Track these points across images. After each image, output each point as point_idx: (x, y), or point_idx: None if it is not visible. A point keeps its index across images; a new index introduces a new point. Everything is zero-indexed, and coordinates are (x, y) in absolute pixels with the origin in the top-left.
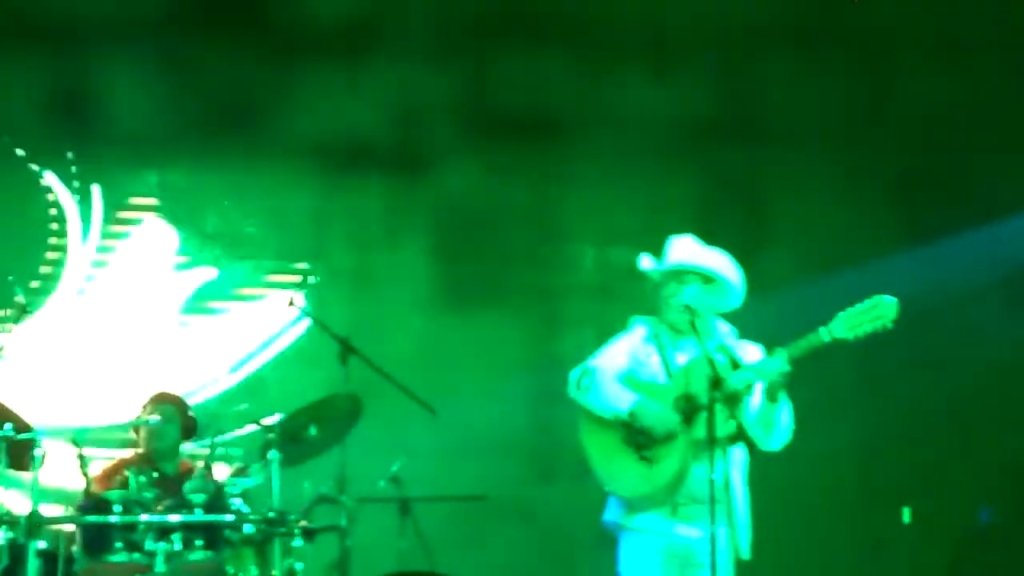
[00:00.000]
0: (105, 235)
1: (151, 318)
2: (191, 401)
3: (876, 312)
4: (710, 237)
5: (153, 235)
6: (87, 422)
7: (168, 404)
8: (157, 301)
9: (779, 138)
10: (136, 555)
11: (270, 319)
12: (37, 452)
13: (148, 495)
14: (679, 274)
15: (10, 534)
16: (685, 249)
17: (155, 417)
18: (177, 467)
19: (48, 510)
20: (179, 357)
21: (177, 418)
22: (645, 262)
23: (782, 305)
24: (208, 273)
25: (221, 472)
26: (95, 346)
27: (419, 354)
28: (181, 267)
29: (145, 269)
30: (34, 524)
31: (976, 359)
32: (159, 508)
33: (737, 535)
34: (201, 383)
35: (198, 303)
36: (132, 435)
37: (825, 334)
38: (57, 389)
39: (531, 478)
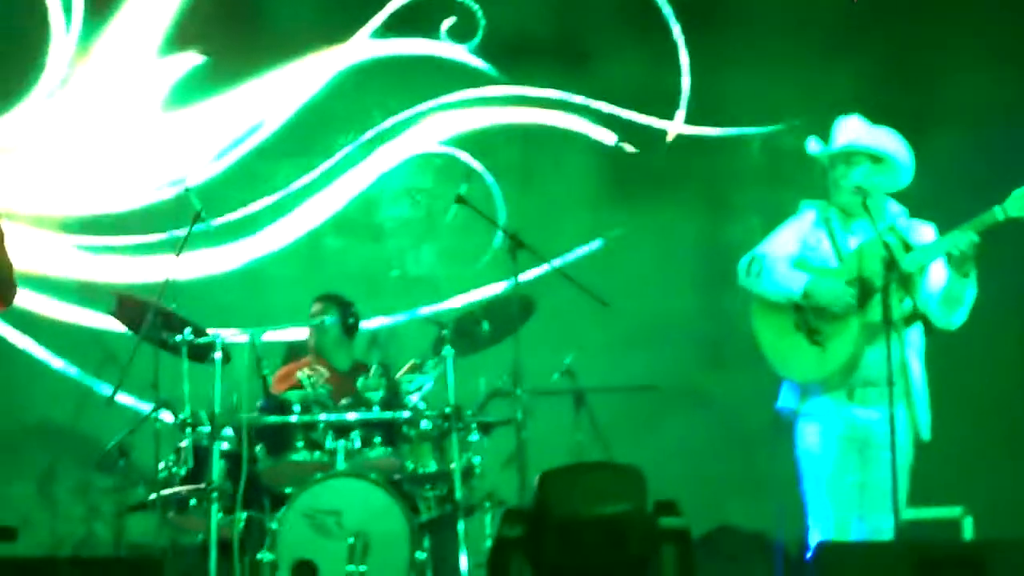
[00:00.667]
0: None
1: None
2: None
3: None
4: (877, 116)
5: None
6: (263, 326)
7: (325, 301)
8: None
9: (945, 12)
10: (317, 453)
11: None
12: (216, 355)
13: (322, 391)
14: (848, 155)
15: (194, 436)
16: (853, 129)
17: (315, 317)
18: (349, 363)
19: (230, 412)
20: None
21: (335, 311)
22: (812, 145)
23: (954, 184)
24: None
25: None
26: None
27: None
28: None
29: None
30: (217, 426)
31: None
32: (338, 406)
33: (916, 416)
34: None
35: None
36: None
37: (1000, 212)
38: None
39: (703, 366)
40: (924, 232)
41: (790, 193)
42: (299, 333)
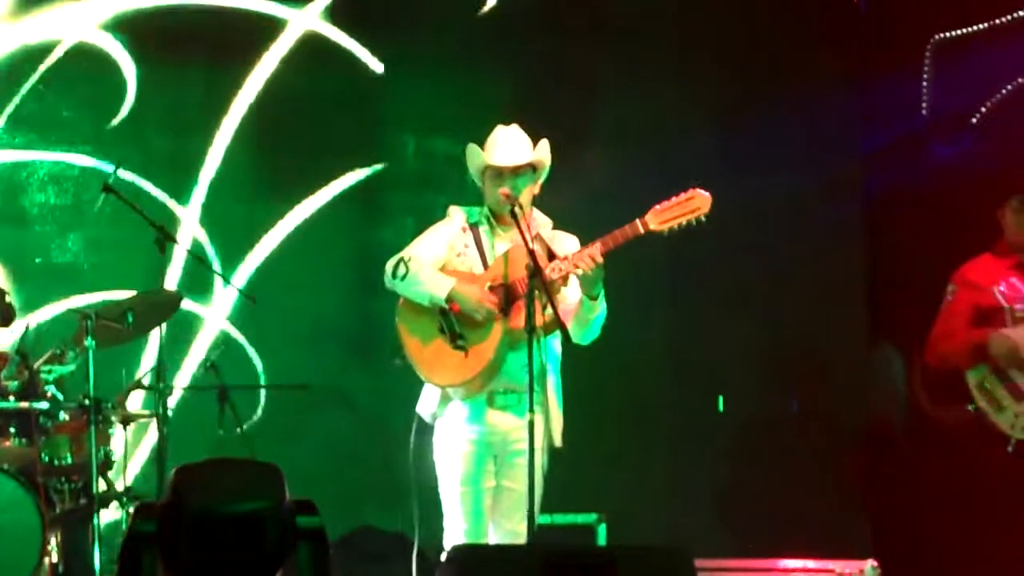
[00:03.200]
0: None
1: None
2: None
3: (690, 205)
4: (527, 126)
5: None
6: None
7: None
8: None
9: (604, 24)
10: None
11: None
12: None
13: None
14: (501, 164)
15: None
16: (511, 141)
17: None
18: None
19: None
20: None
21: None
22: (469, 152)
23: (597, 195)
24: None
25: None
26: None
27: (241, 244)
28: None
29: None
30: None
31: (792, 245)
32: None
33: (551, 424)
34: None
35: None
36: None
37: (640, 226)
38: None
39: (351, 368)
40: (568, 242)
41: (441, 197)
42: None
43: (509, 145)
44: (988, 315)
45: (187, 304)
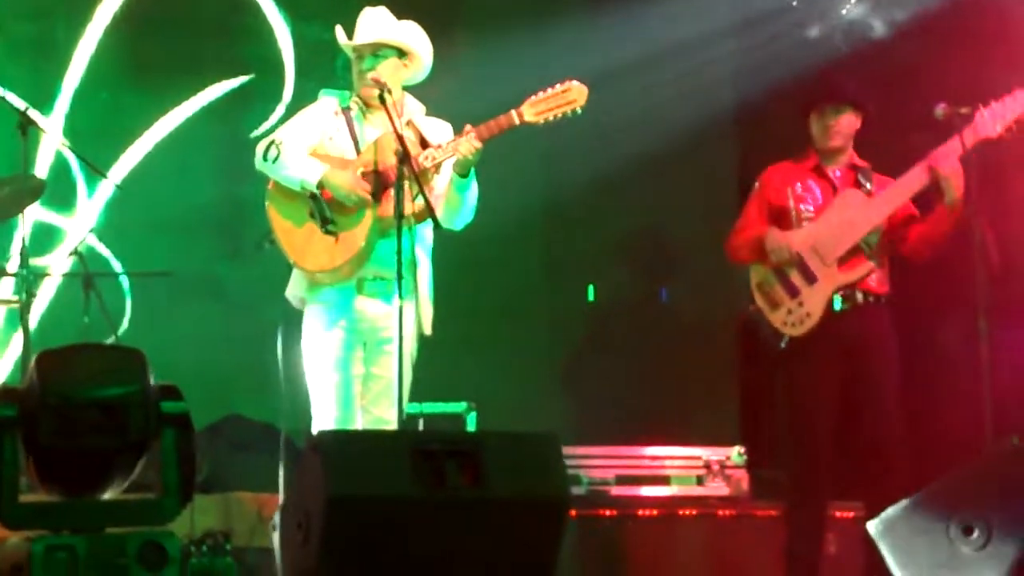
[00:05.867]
0: None
1: None
2: None
3: (566, 97)
4: (402, 12)
5: None
6: None
7: None
8: None
9: None
10: None
11: None
12: None
13: None
14: (371, 48)
15: None
16: (377, 22)
17: None
18: None
19: None
20: None
21: None
22: (339, 35)
23: (471, 83)
24: None
25: None
26: None
27: (105, 129)
28: None
29: None
30: None
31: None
32: None
33: (420, 311)
34: None
35: None
36: None
37: (515, 117)
38: None
39: (219, 254)
40: (440, 129)
41: (312, 83)
42: None
43: (369, 25)
44: (778, 215)
45: (50, 216)
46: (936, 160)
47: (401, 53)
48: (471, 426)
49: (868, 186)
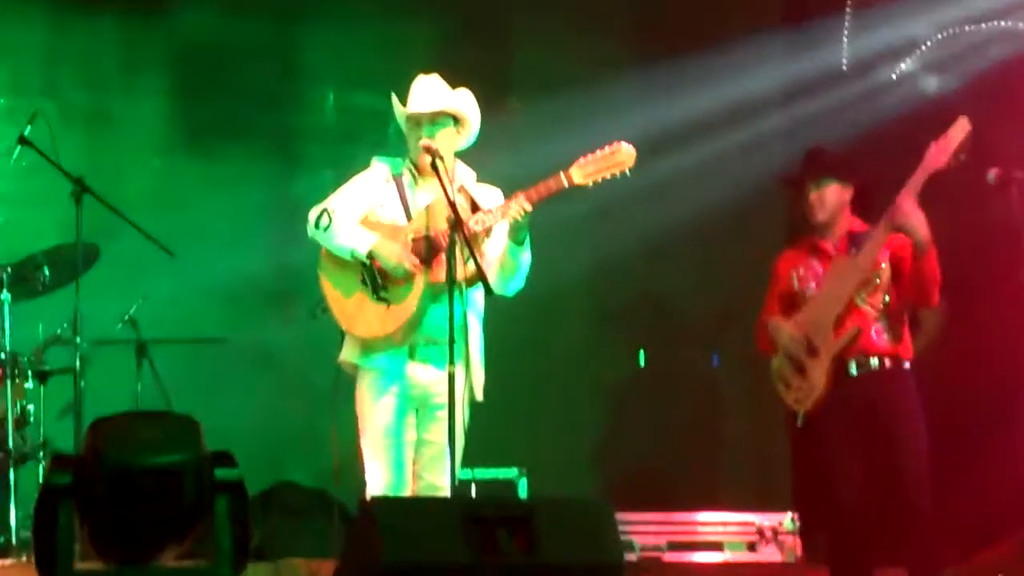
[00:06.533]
0: None
1: None
2: None
3: (615, 159)
4: (453, 78)
5: None
6: None
7: None
8: None
9: None
10: None
11: None
12: None
13: None
14: (422, 115)
15: None
16: (434, 91)
17: None
18: None
19: None
20: None
21: None
22: (394, 103)
23: (522, 148)
24: None
25: None
26: None
27: (157, 196)
28: None
29: None
30: None
31: (708, 192)
32: None
33: (472, 377)
34: None
35: None
36: None
37: (564, 179)
38: None
39: (270, 321)
40: (491, 195)
41: (363, 149)
42: None
43: (425, 93)
44: (790, 300)
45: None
46: (896, 207)
47: (456, 120)
48: (523, 492)
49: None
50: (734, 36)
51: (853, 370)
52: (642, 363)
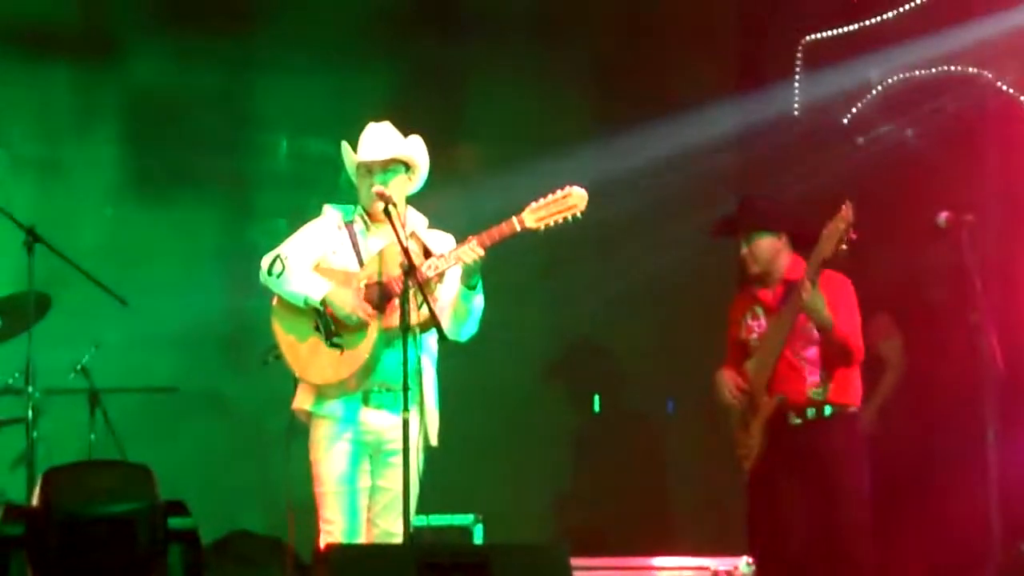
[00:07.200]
0: None
1: None
2: None
3: (567, 202)
4: (404, 126)
5: None
6: None
7: None
8: None
9: (473, 26)
10: None
11: None
12: None
13: None
14: (373, 162)
15: None
16: (386, 138)
17: None
18: None
19: None
20: None
21: None
22: (344, 150)
23: (474, 195)
24: None
25: None
26: None
27: (109, 244)
28: None
29: None
30: None
31: (669, 248)
32: None
33: (426, 422)
34: None
35: None
36: None
37: (516, 224)
38: None
39: (223, 369)
40: (443, 241)
41: (315, 196)
42: None
43: (377, 140)
44: (743, 348)
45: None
46: (796, 294)
47: (407, 167)
48: (478, 538)
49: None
50: (687, 97)
51: (794, 420)
52: (597, 409)
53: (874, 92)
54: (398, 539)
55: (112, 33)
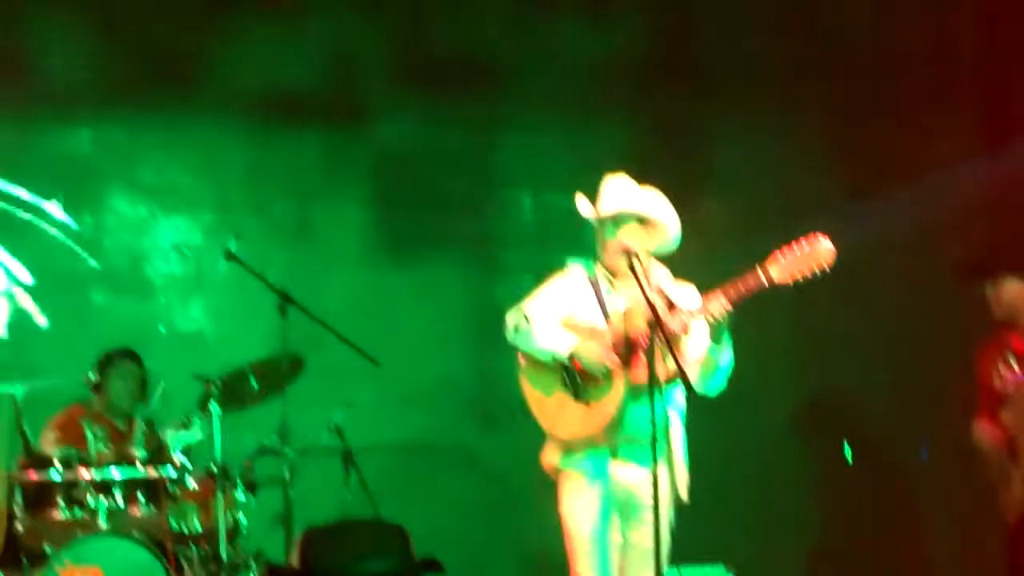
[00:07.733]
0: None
1: None
2: None
3: (813, 256)
4: (645, 179)
5: None
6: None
7: (132, 362)
8: None
9: (714, 82)
10: (78, 511)
11: None
12: None
13: (103, 449)
14: (616, 216)
15: None
16: (621, 191)
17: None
18: (127, 423)
19: None
20: None
21: (137, 375)
22: (582, 205)
23: (718, 249)
24: None
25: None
26: None
27: (359, 305)
28: None
29: None
30: None
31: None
32: (100, 463)
33: (676, 475)
34: None
35: None
36: (92, 390)
37: (763, 277)
38: None
39: (473, 425)
40: (688, 294)
41: (559, 252)
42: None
43: (613, 193)
44: (996, 397)
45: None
46: None
47: (642, 221)
48: None
49: None
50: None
51: None
52: (848, 457)
53: None
54: None
55: (359, 97)
